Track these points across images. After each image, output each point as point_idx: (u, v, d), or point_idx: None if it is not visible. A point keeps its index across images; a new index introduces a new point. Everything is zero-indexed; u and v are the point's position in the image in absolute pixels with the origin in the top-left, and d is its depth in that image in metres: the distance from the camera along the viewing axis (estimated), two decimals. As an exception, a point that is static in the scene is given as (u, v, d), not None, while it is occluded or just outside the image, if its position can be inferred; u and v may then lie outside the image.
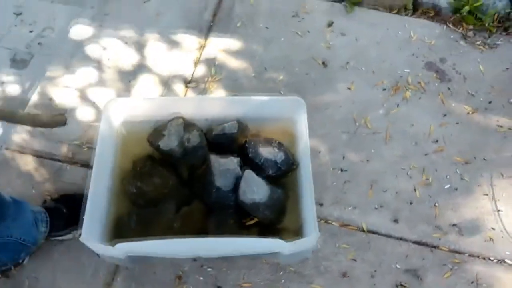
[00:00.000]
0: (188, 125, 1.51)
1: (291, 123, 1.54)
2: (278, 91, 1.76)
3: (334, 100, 1.73)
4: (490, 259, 1.45)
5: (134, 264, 1.40)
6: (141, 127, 1.55)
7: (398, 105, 1.73)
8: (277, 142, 1.50)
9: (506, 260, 1.44)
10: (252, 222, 1.39)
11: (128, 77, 1.78)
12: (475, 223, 1.50)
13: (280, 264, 1.42)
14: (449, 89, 1.78)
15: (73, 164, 1.60)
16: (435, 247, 1.46)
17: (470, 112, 1.72)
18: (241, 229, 1.42)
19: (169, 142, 1.46)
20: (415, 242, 1.47)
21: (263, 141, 1.50)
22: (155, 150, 1.50)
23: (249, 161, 1.46)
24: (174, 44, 1.87)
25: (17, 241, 1.28)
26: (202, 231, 1.40)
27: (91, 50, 1.85)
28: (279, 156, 1.46)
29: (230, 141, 1.52)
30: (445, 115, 1.71)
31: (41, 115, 1.69)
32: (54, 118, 1.69)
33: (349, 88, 1.77)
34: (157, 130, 1.51)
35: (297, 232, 1.43)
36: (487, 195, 1.55)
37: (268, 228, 1.42)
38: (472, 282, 1.40)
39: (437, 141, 1.66)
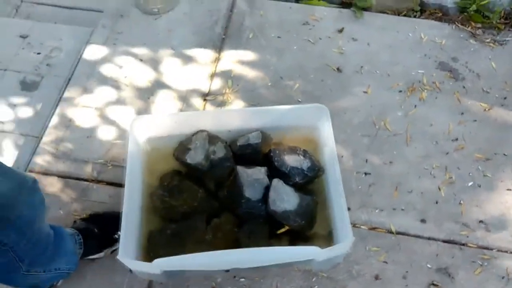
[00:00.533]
0: (212, 138, 1.53)
1: (313, 130, 1.56)
2: (296, 99, 1.78)
3: (352, 105, 1.75)
4: (518, 253, 1.46)
5: (168, 279, 1.41)
6: (165, 143, 1.56)
7: (415, 106, 1.75)
8: (301, 149, 1.51)
9: (535, 253, 1.45)
10: (283, 230, 1.40)
11: (146, 94, 1.80)
12: (501, 218, 1.52)
13: (312, 270, 1.44)
14: (463, 87, 1.80)
15: (99, 183, 1.61)
16: (463, 244, 1.48)
17: (487, 109, 1.74)
18: (272, 238, 1.43)
19: (195, 156, 1.48)
20: (444, 241, 1.48)
21: (288, 150, 1.52)
22: (182, 165, 1.52)
23: (275, 170, 1.48)
24: (188, 59, 1.89)
25: (64, 272, 1.28)
26: (234, 242, 1.41)
27: (107, 69, 1.87)
28: (305, 163, 1.47)
29: (254, 151, 1.53)
30: (462, 113, 1.73)
31: (62, 136, 1.70)
32: (76, 138, 1.70)
33: (365, 92, 1.79)
34: (183, 145, 1.53)
35: (327, 238, 1.44)
36: (510, 190, 1.57)
37: (298, 236, 1.43)
38: (503, 277, 1.42)
39: (457, 139, 1.68)
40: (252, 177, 1.43)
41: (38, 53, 1.96)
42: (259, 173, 1.45)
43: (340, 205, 1.31)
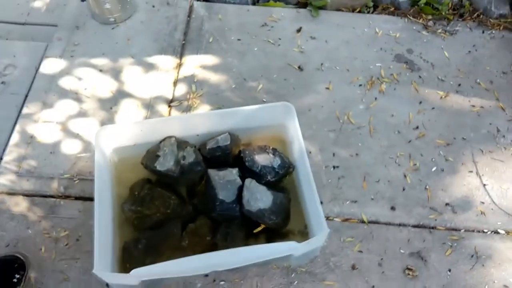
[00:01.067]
0: (180, 143, 1.52)
1: (281, 128, 1.58)
2: (261, 99, 1.79)
3: (316, 102, 1.78)
4: (484, 231, 1.53)
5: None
6: (132, 152, 1.54)
7: (376, 99, 1.80)
8: (270, 148, 1.53)
9: (499, 230, 1.53)
10: (260, 229, 1.41)
11: (109, 104, 1.77)
12: (466, 200, 1.58)
13: (291, 266, 1.45)
14: (420, 77, 1.87)
15: (67, 198, 1.57)
16: (433, 228, 1.53)
17: (443, 96, 1.81)
18: (249, 238, 1.44)
19: (165, 163, 1.47)
20: (414, 226, 1.53)
21: (257, 149, 1.53)
22: (151, 173, 1.50)
23: (247, 171, 1.49)
24: (150, 66, 1.88)
25: None
26: (211, 246, 1.41)
27: (66, 82, 1.83)
28: (276, 161, 1.49)
29: (224, 153, 1.53)
30: (420, 102, 1.80)
31: (24, 153, 1.65)
32: (39, 155, 1.65)
33: (327, 88, 1.83)
34: (151, 152, 1.51)
35: (302, 233, 1.46)
36: (472, 171, 1.64)
37: (274, 234, 1.44)
38: (472, 256, 1.48)
39: (417, 127, 1.74)
40: (225, 179, 1.44)
41: (-10, 72, 1.89)
42: (231, 174, 1.45)
43: (313, 200, 1.33)
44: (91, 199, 1.56)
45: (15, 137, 1.69)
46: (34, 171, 1.62)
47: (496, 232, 1.52)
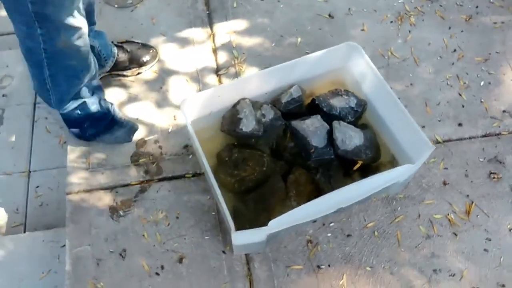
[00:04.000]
0: (254, 103, 1.52)
1: (340, 71, 1.62)
2: (303, 52, 1.81)
3: (357, 43, 1.83)
4: (543, 128, 1.66)
5: (265, 246, 1.39)
6: (207, 121, 1.53)
7: (409, 32, 1.88)
8: (342, 90, 1.56)
9: (555, 123, 1.67)
10: (358, 165, 1.45)
11: (157, 85, 1.73)
12: (518, 104, 1.71)
13: (389, 196, 1.51)
14: (440, 6, 1.96)
15: (150, 181, 1.53)
16: (498, 134, 1.64)
17: (467, 19, 1.92)
18: (348, 177, 1.48)
19: (248, 124, 1.47)
20: (482, 136, 1.64)
21: (330, 94, 1.56)
22: (235, 137, 1.50)
23: (326, 116, 1.52)
24: (184, 41, 1.84)
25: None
26: (316, 191, 1.44)
27: (104, 71, 1.75)
28: (352, 101, 1.53)
29: (298, 105, 1.56)
30: (450, 28, 1.90)
31: (87, 150, 1.58)
32: (104, 147, 1.59)
33: (363, 30, 1.88)
34: (228, 117, 1.50)
35: (392, 163, 1.52)
36: (513, 79, 1.77)
37: (366, 169, 1.49)
38: (540, 149, 1.61)
39: (455, 50, 1.84)
40: (313, 126, 1.46)
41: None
42: (317, 121, 1.48)
43: (407, 124, 1.38)
44: (175, 177, 1.54)
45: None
46: (105, 164, 1.55)
47: (553, 126, 1.66)
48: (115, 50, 1.66)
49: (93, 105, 1.50)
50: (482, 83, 1.75)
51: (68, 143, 1.61)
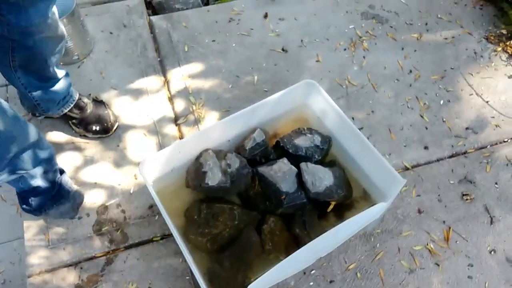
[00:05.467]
0: (217, 153, 1.46)
1: (301, 108, 1.59)
2: (262, 90, 1.78)
3: (313, 76, 1.81)
4: (505, 141, 1.67)
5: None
6: (169, 179, 1.46)
7: (364, 57, 1.88)
8: (304, 128, 1.53)
9: (516, 135, 1.68)
10: (332, 206, 1.41)
11: (114, 143, 1.64)
12: (479, 119, 1.72)
13: (367, 232, 1.47)
14: (391, 27, 1.98)
15: (115, 251, 1.43)
16: (464, 152, 1.64)
17: (419, 38, 1.94)
18: (323, 219, 1.44)
19: (214, 177, 1.40)
20: (450, 157, 1.63)
21: (293, 134, 1.52)
22: (202, 192, 1.43)
23: (292, 157, 1.47)
24: (137, 92, 1.77)
25: None
26: (292, 239, 1.38)
27: (53, 136, 1.65)
28: (316, 139, 1.49)
29: (263, 149, 1.50)
30: (402, 48, 1.91)
31: (45, 225, 1.47)
32: (62, 220, 1.49)
33: (318, 61, 1.86)
34: (192, 172, 1.44)
35: (364, 198, 1.49)
36: (472, 94, 1.78)
37: (340, 208, 1.45)
38: (507, 164, 1.62)
39: (411, 71, 1.84)
40: (281, 171, 1.41)
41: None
42: (284, 165, 1.43)
43: (375, 158, 1.35)
44: (142, 243, 1.45)
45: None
46: (66, 238, 1.45)
47: (515, 138, 1.68)
48: (75, 96, 1.58)
49: (34, 178, 1.36)
50: (441, 101, 1.76)
51: (23, 218, 1.50)
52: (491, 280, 1.39)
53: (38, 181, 1.35)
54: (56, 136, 1.64)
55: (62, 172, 1.46)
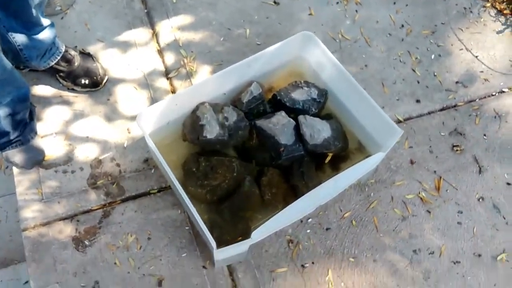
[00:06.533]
0: (214, 106, 1.44)
1: (297, 61, 1.58)
2: (254, 43, 1.74)
3: (306, 29, 1.77)
4: (493, 95, 1.71)
5: (243, 257, 1.35)
6: (166, 132, 1.44)
7: (356, 11, 1.86)
8: (301, 81, 1.52)
9: (503, 89, 1.72)
10: (329, 158, 1.42)
11: (104, 97, 1.59)
12: (469, 73, 1.75)
13: (361, 182, 1.50)
14: (381, -19, 1.95)
15: (112, 204, 1.42)
16: (455, 106, 1.68)
17: (410, -8, 1.93)
18: (319, 171, 1.45)
19: (211, 129, 1.39)
20: (440, 110, 1.66)
21: (290, 87, 1.51)
22: (199, 145, 1.41)
23: (289, 110, 1.47)
24: (125, 45, 1.71)
25: None
26: (291, 190, 1.40)
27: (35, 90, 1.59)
28: (313, 92, 1.49)
29: (260, 101, 1.49)
30: (394, 3, 1.89)
31: (37, 178, 1.44)
32: (54, 174, 1.45)
33: (310, 14, 1.83)
34: (189, 125, 1.42)
35: (359, 150, 1.51)
36: (462, 49, 1.80)
37: (336, 160, 1.47)
38: (495, 117, 1.66)
39: (402, 26, 1.84)
40: (279, 123, 1.41)
41: None
42: (282, 118, 1.43)
43: (371, 109, 1.36)
44: (140, 195, 1.44)
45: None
46: (60, 191, 1.43)
47: (502, 92, 1.72)
48: (62, 48, 1.52)
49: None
50: (432, 56, 1.77)
51: (9, 174, 1.46)
52: (479, 226, 1.45)
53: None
54: (42, 89, 1.58)
55: (31, 119, 1.42)
